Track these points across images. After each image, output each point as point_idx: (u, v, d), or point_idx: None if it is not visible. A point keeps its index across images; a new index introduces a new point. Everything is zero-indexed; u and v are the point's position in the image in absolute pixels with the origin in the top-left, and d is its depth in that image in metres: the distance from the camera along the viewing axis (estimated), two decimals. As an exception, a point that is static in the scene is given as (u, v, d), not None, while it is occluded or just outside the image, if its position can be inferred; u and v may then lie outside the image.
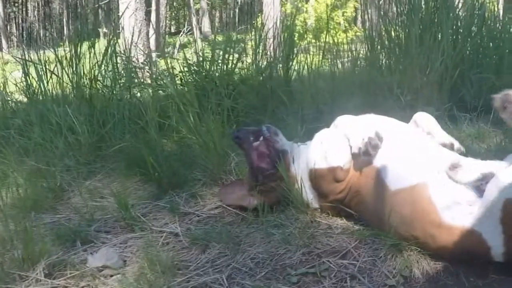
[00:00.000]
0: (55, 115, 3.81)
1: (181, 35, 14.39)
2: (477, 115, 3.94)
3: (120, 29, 8.03)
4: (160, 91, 4.15)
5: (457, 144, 2.71)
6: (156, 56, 7.79)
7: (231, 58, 4.34)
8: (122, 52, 4.59)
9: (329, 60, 4.48)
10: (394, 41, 4.19)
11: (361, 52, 4.47)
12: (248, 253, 2.56)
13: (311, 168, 2.72)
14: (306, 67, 4.45)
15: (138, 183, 3.33)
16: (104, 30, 6.64)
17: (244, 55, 4.49)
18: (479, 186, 2.28)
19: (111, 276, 2.43)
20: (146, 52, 7.43)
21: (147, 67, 4.78)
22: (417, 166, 2.45)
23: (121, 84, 4.17)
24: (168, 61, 4.43)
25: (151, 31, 14.60)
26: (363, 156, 2.52)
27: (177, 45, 10.79)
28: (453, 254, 2.30)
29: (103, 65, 4.25)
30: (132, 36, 6.43)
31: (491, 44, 4.26)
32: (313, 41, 4.90)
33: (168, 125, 3.70)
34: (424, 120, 2.86)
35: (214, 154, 3.30)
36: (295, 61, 4.52)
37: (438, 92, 3.83)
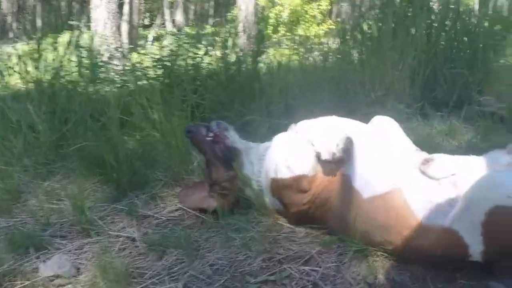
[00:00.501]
0: (15, 113, 3.64)
1: (154, 27, 14.19)
2: (449, 111, 3.85)
3: (91, 21, 7.81)
4: (126, 87, 3.97)
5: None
6: (127, 49, 7.57)
7: (200, 52, 4.19)
8: (87, 45, 4.40)
9: (300, 54, 4.36)
10: (366, 35, 4.06)
11: (333, 45, 4.35)
12: (207, 259, 2.46)
13: (273, 178, 2.54)
14: (276, 60, 4.32)
15: (97, 184, 3.21)
16: (76, 23, 6.44)
17: (213, 49, 4.32)
18: (454, 183, 2.22)
19: (63, 285, 2.33)
20: (117, 45, 7.21)
21: (115, 61, 4.59)
22: (388, 171, 2.35)
23: (85, 80, 4.00)
24: (135, 56, 4.29)
25: (125, 24, 14.32)
26: (336, 163, 2.36)
27: (150, 38, 10.60)
28: (430, 256, 2.22)
29: (65, 60, 4.06)
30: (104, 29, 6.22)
31: (465, 38, 4.14)
32: (287, 34, 4.73)
33: (131, 123, 3.55)
34: (384, 124, 2.71)
35: (176, 153, 3.19)
36: (265, 55, 4.37)
37: (410, 87, 3.74)
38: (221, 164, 2.75)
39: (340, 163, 2.35)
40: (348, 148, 2.33)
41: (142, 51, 5.73)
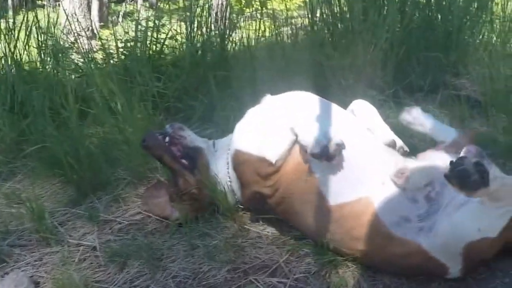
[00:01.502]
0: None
1: (126, 2, 13.75)
2: (424, 96, 3.74)
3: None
4: (87, 75, 3.80)
5: (399, 143, 2.48)
6: (97, 28, 7.15)
7: (163, 36, 4.02)
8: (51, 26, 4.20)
9: (271, 29, 4.20)
10: (336, 16, 3.91)
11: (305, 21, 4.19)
12: (170, 270, 2.40)
13: (237, 149, 2.41)
14: (245, 40, 4.16)
15: (57, 185, 3.12)
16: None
17: (178, 29, 4.15)
18: (427, 194, 2.18)
19: (19, 304, 2.23)
20: (87, 23, 6.84)
21: (83, 41, 4.40)
22: (360, 178, 2.25)
23: (46, 66, 3.82)
24: (106, 34, 4.11)
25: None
26: (324, 159, 2.14)
27: (121, 14, 10.25)
28: (404, 268, 2.19)
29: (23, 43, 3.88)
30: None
31: (439, 16, 3.99)
32: (260, 8, 4.56)
33: (93, 114, 3.40)
34: (364, 110, 2.60)
35: (138, 151, 3.03)
36: (235, 32, 4.21)
37: (382, 71, 3.60)
38: (185, 169, 2.61)
39: (328, 160, 2.14)
40: (341, 147, 2.14)
41: (110, 31, 5.49)
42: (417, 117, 2.74)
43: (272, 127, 2.31)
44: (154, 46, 3.97)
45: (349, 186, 2.22)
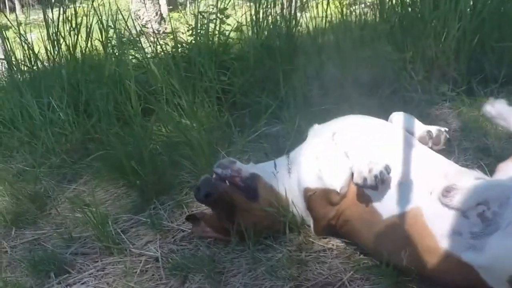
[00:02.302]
0: (37, 106, 3.50)
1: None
2: (499, 88, 3.51)
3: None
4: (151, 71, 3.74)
5: (434, 130, 2.59)
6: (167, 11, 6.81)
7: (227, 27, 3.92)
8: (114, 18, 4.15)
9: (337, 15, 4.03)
10: (406, 4, 3.70)
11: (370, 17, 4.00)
12: (231, 286, 2.34)
13: (305, 187, 2.40)
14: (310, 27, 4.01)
15: (122, 189, 3.12)
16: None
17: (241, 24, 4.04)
18: (482, 213, 1.99)
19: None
20: (155, 8, 6.64)
21: (153, 27, 4.35)
22: (408, 190, 2.17)
23: (110, 62, 3.79)
24: (176, 17, 4.03)
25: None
26: (368, 189, 2.15)
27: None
28: (447, 283, 2.06)
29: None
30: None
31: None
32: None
33: (157, 114, 3.36)
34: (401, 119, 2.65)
35: (201, 153, 3.01)
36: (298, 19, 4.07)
37: (454, 62, 3.38)
38: (251, 201, 2.48)
39: (372, 189, 2.14)
40: (385, 179, 2.12)
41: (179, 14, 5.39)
42: (500, 111, 2.61)
43: (329, 157, 2.33)
44: (218, 39, 3.84)
45: (398, 198, 2.17)
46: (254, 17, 3.88)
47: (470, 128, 3.22)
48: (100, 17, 4.04)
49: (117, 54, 3.88)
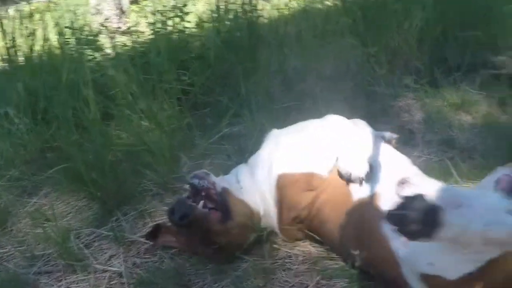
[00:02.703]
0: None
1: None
2: (462, 76, 3.52)
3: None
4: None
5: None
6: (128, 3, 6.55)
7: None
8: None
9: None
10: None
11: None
12: (199, 302, 2.31)
13: (280, 174, 2.41)
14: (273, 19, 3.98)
15: (83, 201, 3.07)
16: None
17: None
18: None
19: None
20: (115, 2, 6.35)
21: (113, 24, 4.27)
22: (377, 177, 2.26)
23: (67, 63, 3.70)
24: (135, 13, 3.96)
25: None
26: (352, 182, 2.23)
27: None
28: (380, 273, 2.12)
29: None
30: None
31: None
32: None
33: (117, 119, 3.32)
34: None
35: (163, 159, 3.02)
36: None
37: (417, 51, 3.38)
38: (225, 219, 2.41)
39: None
40: (365, 178, 2.22)
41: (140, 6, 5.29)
42: None
43: (316, 147, 2.38)
44: (178, 37, 3.78)
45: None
46: (215, 11, 3.81)
47: (434, 120, 3.24)
48: (57, 16, 3.94)
49: (74, 56, 3.77)
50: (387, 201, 2.05)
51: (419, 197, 1.72)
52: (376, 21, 3.58)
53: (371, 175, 2.22)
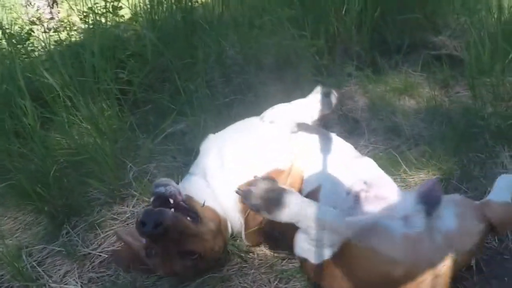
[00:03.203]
0: None
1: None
2: (403, 57, 3.57)
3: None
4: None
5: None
6: None
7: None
8: None
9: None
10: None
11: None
12: (154, 314, 2.36)
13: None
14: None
15: (31, 215, 3.04)
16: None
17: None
18: None
19: None
20: None
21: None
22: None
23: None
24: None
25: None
26: None
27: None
28: None
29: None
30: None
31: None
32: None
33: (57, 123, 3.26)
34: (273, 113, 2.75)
35: (107, 167, 2.99)
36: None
37: (357, 36, 3.43)
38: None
39: None
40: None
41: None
42: None
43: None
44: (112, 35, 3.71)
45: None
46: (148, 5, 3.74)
47: (378, 107, 3.29)
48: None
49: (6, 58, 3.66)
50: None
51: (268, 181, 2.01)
52: (314, 9, 3.57)
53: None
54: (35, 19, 4.28)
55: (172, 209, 2.23)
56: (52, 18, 4.57)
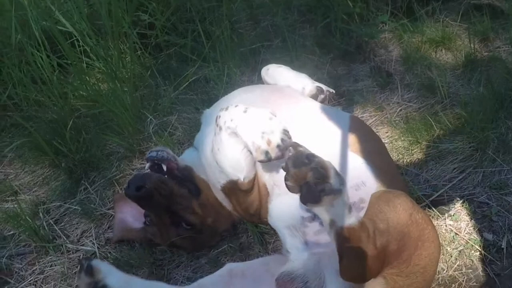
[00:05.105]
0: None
1: None
2: (441, 5, 3.44)
3: None
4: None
5: (323, 86, 2.63)
6: None
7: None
8: None
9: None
10: None
11: None
12: (174, 280, 2.40)
13: (221, 185, 2.30)
14: None
15: (49, 169, 3.05)
16: None
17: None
18: None
19: None
20: None
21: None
22: None
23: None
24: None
25: None
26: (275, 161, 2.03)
27: None
28: None
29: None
30: None
31: None
32: None
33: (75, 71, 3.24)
34: (273, 74, 2.66)
35: (126, 120, 2.98)
36: None
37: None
38: (193, 197, 2.35)
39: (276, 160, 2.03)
40: (287, 146, 1.97)
41: None
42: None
43: (222, 145, 2.14)
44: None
45: None
46: None
47: (413, 59, 3.18)
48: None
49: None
50: None
51: None
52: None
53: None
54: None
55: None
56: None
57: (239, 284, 2.09)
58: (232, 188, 2.25)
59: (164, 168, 2.31)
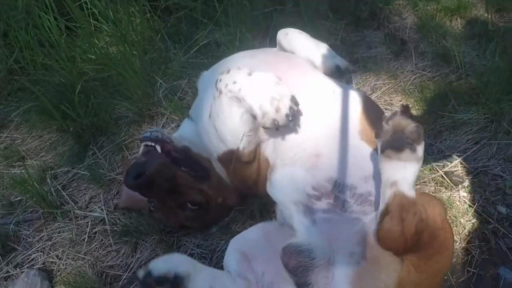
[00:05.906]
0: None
1: None
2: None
3: None
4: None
5: (343, 63, 2.36)
6: None
7: None
8: None
9: None
10: None
11: None
12: (185, 247, 2.41)
13: (217, 156, 2.21)
14: None
15: (56, 134, 3.05)
16: None
17: None
18: None
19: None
20: None
21: None
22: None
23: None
24: None
25: None
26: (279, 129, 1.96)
27: None
28: None
29: None
30: None
31: None
32: None
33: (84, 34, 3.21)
34: (292, 40, 2.43)
35: (135, 83, 2.95)
36: None
37: None
38: (202, 179, 2.30)
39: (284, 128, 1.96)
40: (294, 114, 1.92)
41: None
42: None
43: (221, 111, 2.04)
44: None
45: None
46: None
47: (428, 27, 3.14)
48: None
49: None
50: None
51: None
52: None
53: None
54: None
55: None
56: None
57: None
58: (230, 159, 2.15)
59: (159, 149, 2.25)
